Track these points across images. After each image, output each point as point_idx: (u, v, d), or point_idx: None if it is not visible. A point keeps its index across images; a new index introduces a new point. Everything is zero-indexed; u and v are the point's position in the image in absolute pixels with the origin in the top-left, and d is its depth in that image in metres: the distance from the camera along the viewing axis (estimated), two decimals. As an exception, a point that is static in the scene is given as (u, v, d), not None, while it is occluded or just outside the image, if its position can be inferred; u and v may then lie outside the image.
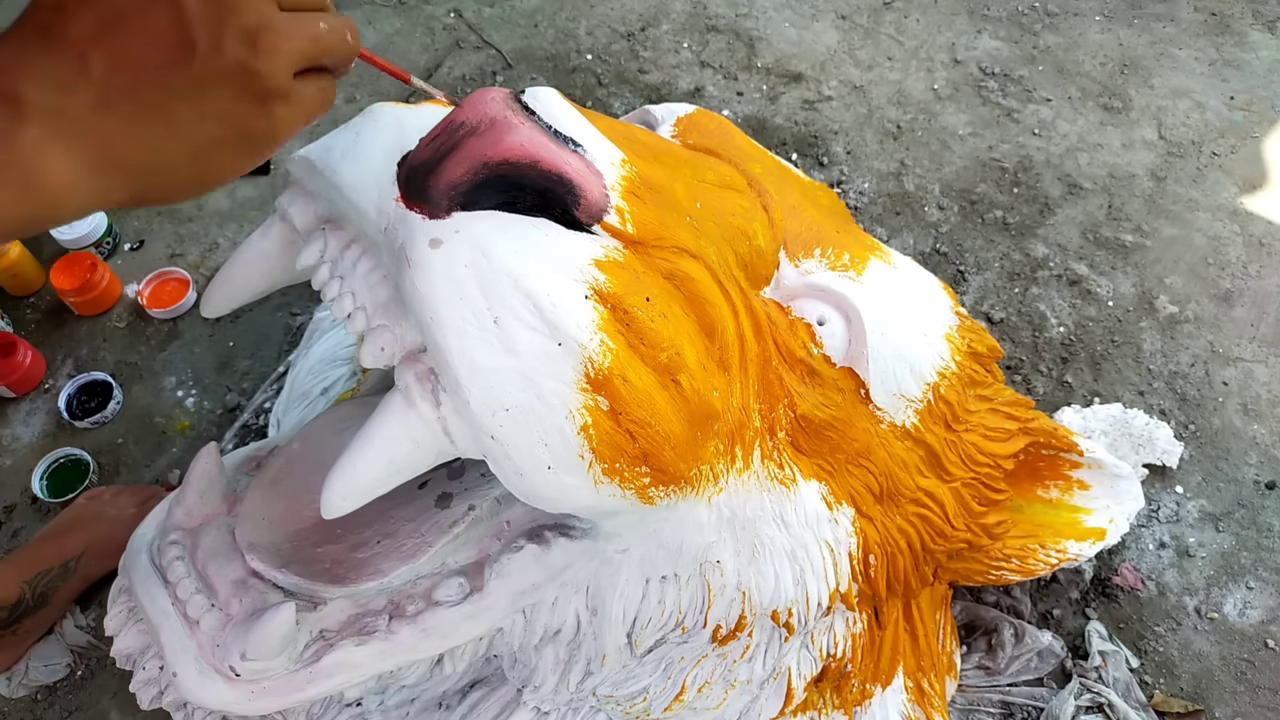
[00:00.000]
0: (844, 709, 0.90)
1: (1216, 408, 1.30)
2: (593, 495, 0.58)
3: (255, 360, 1.35)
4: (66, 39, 0.39)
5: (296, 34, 0.42)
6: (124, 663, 0.69)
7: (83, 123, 0.39)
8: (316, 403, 1.06)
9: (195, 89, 0.40)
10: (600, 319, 0.55)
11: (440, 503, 0.71)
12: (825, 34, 1.78)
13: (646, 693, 0.77)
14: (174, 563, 0.68)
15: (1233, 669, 1.10)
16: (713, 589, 0.71)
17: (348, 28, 0.46)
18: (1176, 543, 1.19)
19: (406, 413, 0.56)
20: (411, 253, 0.54)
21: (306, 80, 0.44)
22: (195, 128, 0.41)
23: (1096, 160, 1.57)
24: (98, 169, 0.40)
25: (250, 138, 0.43)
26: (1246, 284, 1.42)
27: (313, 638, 0.66)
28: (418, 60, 1.74)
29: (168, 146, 0.41)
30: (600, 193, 0.59)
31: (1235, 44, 1.74)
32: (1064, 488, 0.98)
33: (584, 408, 0.55)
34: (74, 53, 0.39)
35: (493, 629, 0.70)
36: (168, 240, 1.49)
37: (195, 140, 0.42)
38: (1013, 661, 1.07)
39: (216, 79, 0.40)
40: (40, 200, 0.39)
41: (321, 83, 0.46)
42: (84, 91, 0.39)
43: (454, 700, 0.80)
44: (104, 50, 0.39)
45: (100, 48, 0.39)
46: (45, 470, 1.22)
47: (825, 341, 0.75)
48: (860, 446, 0.76)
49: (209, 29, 0.40)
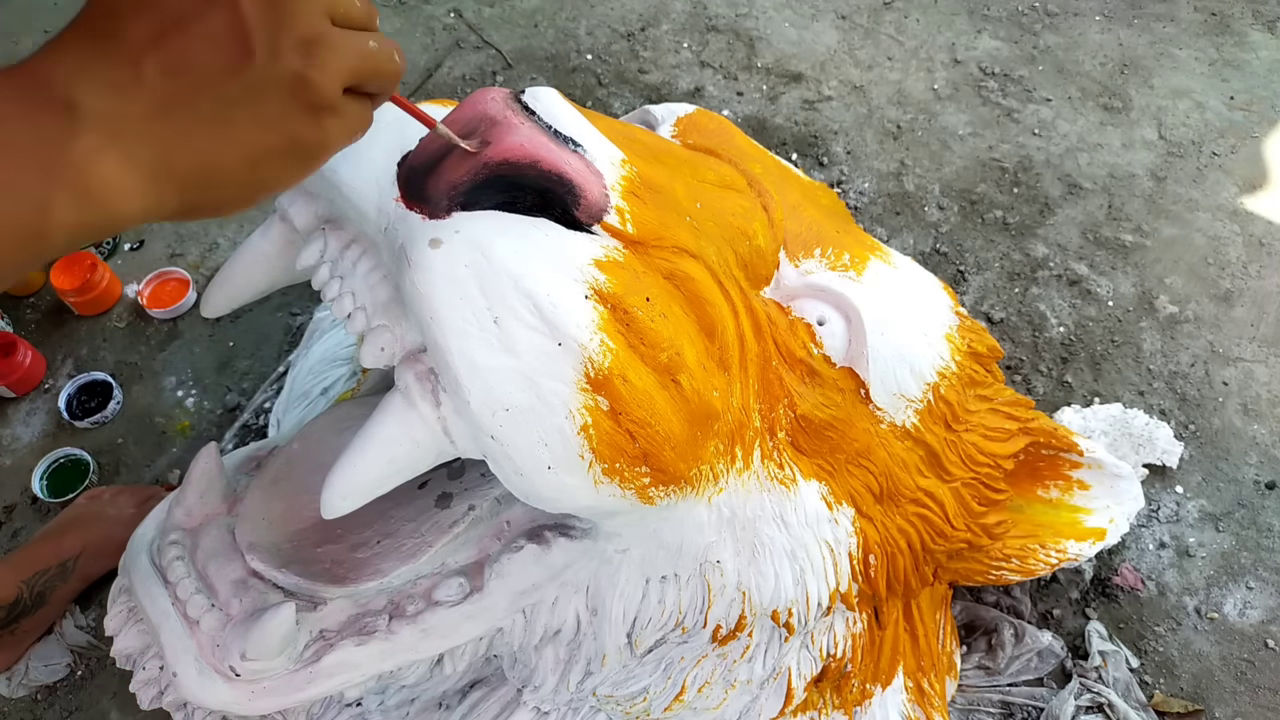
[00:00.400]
0: (844, 709, 0.90)
1: (1216, 408, 1.30)
2: (593, 495, 0.58)
3: (255, 360, 1.35)
4: (122, 43, 0.39)
5: (349, 49, 0.42)
6: (124, 663, 0.69)
7: (139, 130, 0.39)
8: (316, 403, 1.06)
9: (251, 96, 0.40)
10: (600, 319, 0.55)
11: (440, 503, 0.71)
12: (825, 34, 1.77)
13: (646, 693, 0.77)
14: (174, 563, 0.68)
15: (1233, 669, 1.10)
16: (713, 589, 0.71)
17: (396, 50, 0.45)
18: (1176, 543, 1.19)
19: (406, 413, 0.56)
20: (411, 253, 0.54)
21: (353, 99, 0.44)
22: (250, 136, 0.41)
23: (1096, 160, 1.57)
24: (153, 177, 0.39)
25: (302, 148, 0.43)
26: (1246, 284, 1.42)
27: (313, 638, 0.66)
28: (418, 60, 1.74)
29: (222, 154, 0.41)
30: (600, 193, 0.59)
31: (1235, 44, 1.74)
32: (1064, 488, 0.98)
33: (584, 408, 0.55)
34: (129, 58, 0.38)
35: (493, 629, 0.70)
36: (168, 240, 1.49)
37: (249, 149, 0.41)
38: (1013, 661, 1.07)
39: (273, 87, 0.40)
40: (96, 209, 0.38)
41: (364, 103, 0.45)
42: (140, 98, 0.38)
43: (454, 700, 0.80)
44: (160, 55, 0.39)
45: (156, 53, 0.39)
46: (45, 470, 1.22)
47: (825, 341, 0.75)
48: (860, 446, 0.76)
49: (266, 35, 0.39)
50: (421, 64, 1.74)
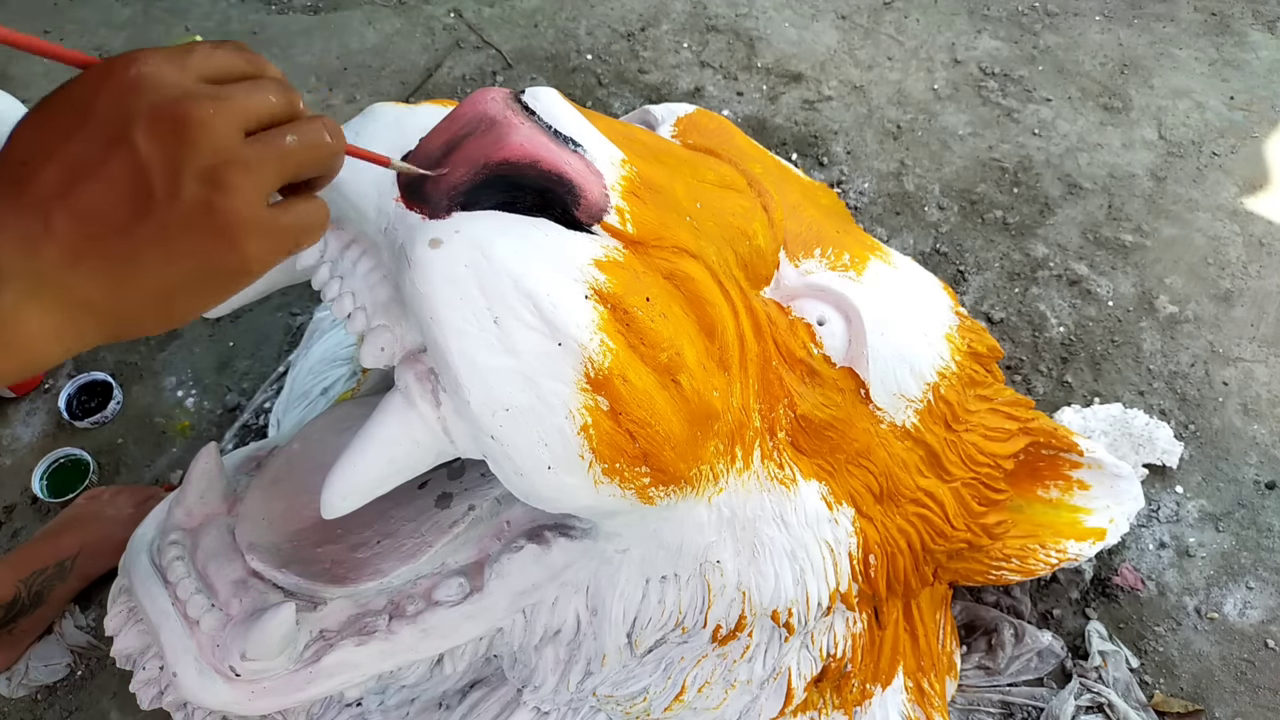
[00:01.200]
0: (844, 709, 0.90)
1: (1216, 408, 1.30)
2: (593, 495, 0.58)
3: (255, 360, 1.35)
4: (33, 195, 0.39)
5: (265, 159, 0.41)
6: (124, 663, 0.69)
7: (54, 280, 0.39)
8: (316, 403, 1.06)
9: (159, 236, 0.40)
10: (600, 319, 0.55)
11: (440, 503, 0.71)
12: (825, 34, 1.78)
13: (646, 693, 0.77)
14: (174, 563, 0.67)
15: (1233, 669, 1.10)
16: (713, 589, 0.71)
17: (324, 130, 0.44)
18: (1176, 543, 1.19)
19: (406, 413, 0.56)
20: (411, 253, 0.54)
21: (288, 206, 0.43)
22: (163, 272, 0.41)
23: (1096, 160, 1.57)
24: (73, 321, 0.40)
25: (219, 276, 0.42)
26: (1246, 284, 1.42)
27: (313, 638, 0.66)
28: (418, 60, 1.74)
29: (136, 294, 0.41)
30: (600, 193, 0.59)
31: (1235, 44, 1.74)
32: (1064, 488, 0.98)
33: (584, 408, 0.55)
34: (40, 210, 0.39)
35: (493, 629, 0.69)
36: (168, 240, 1.49)
37: (164, 283, 0.41)
38: (1013, 661, 1.07)
39: (179, 223, 0.40)
40: (20, 356, 0.40)
41: (305, 206, 0.44)
42: (52, 249, 0.39)
43: (454, 700, 0.80)
44: (67, 205, 0.39)
45: (64, 203, 0.39)
46: (45, 470, 1.22)
47: (825, 341, 0.75)
48: (860, 446, 0.76)
49: (165, 175, 0.39)
50: (421, 64, 1.74)
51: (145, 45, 1.70)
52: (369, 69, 1.74)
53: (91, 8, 1.86)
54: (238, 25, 1.82)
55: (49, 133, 0.40)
